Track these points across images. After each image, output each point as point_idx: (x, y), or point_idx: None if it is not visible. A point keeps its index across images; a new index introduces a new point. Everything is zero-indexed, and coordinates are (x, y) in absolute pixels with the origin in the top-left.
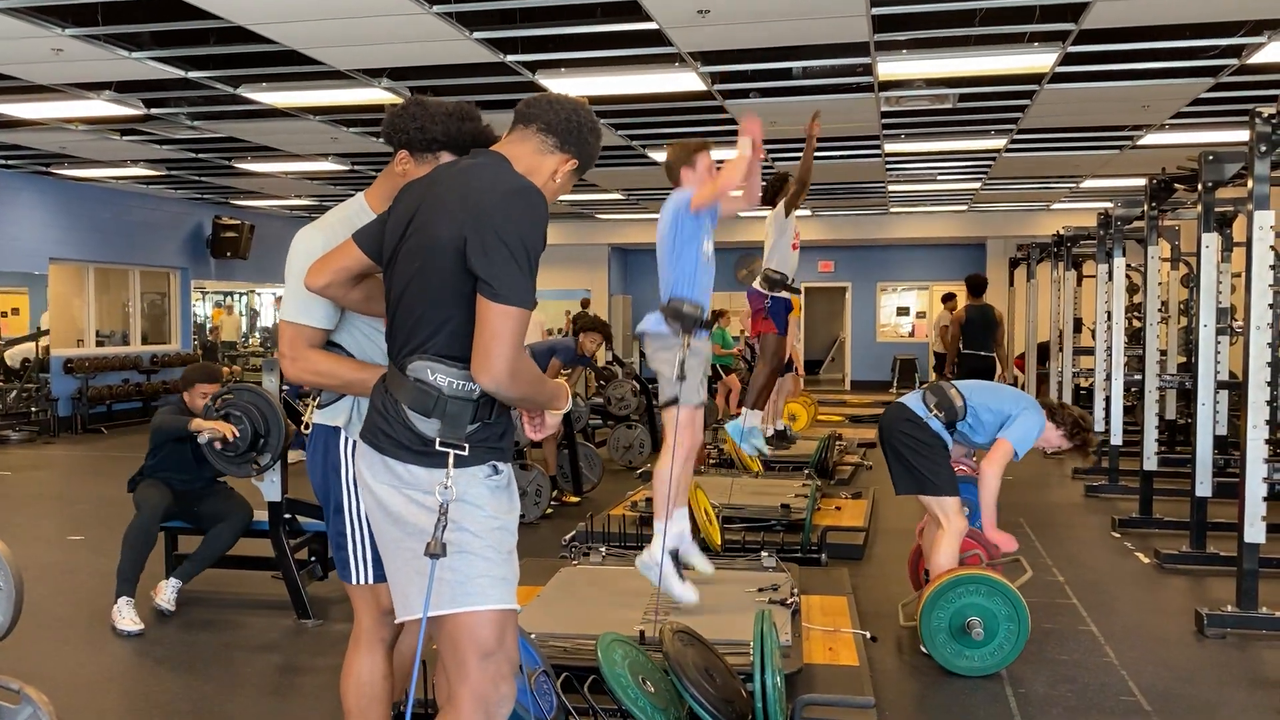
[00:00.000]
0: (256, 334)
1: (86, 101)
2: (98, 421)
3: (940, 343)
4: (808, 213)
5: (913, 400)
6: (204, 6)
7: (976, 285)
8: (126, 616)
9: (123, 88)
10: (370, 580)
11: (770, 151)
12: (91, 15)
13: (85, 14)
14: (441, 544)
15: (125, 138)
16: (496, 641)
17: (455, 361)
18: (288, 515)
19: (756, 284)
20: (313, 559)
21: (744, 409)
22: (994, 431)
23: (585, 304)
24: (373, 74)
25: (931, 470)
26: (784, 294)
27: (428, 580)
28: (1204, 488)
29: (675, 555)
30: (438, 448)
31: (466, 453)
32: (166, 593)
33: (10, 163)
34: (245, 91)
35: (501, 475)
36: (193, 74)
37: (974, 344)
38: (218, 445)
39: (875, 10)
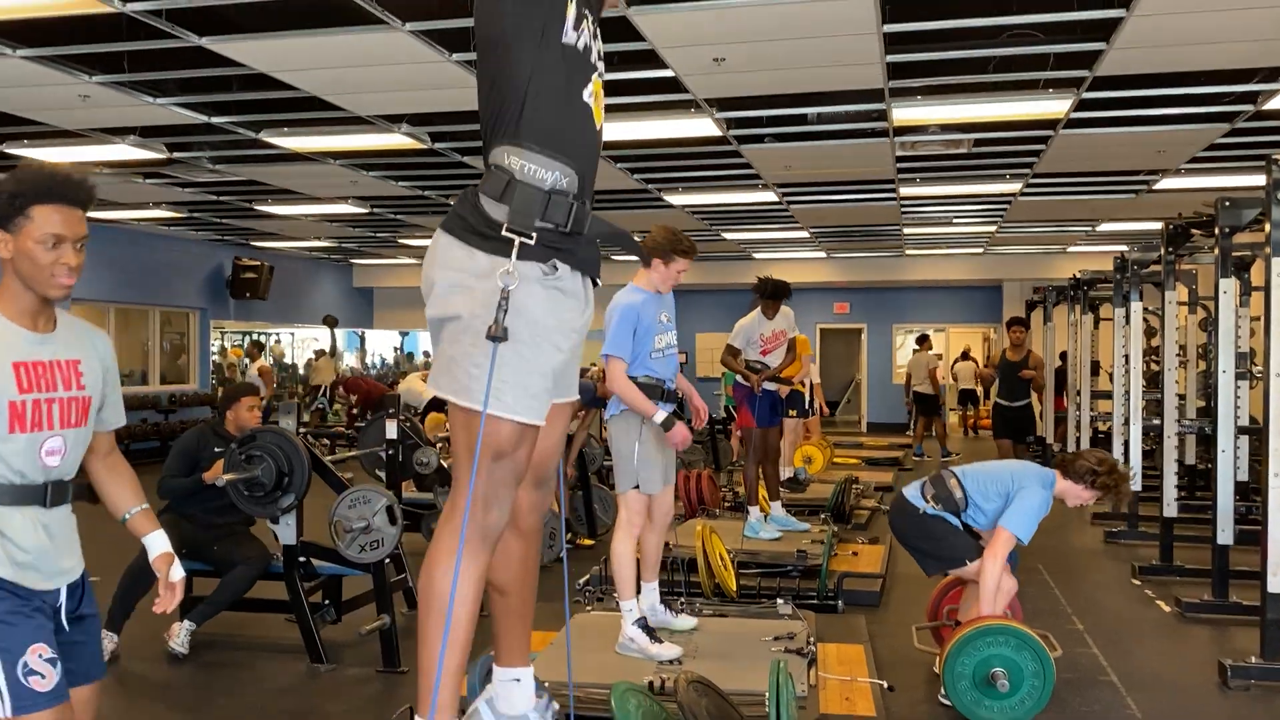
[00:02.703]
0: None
1: (111, 146)
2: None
3: (928, 384)
4: (823, 255)
5: (913, 493)
6: (228, 54)
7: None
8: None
9: (146, 132)
10: None
11: (785, 194)
12: (118, 62)
13: (112, 61)
14: (504, 328)
15: (148, 180)
16: (512, 447)
17: (534, 146)
18: (302, 558)
19: (739, 378)
20: (326, 602)
21: (747, 509)
22: (998, 517)
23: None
24: (393, 119)
25: (949, 549)
26: (771, 386)
27: (487, 366)
28: (1225, 535)
29: (647, 626)
30: (504, 233)
31: (533, 243)
32: (180, 635)
33: None
34: (267, 136)
35: (559, 275)
36: (215, 119)
37: (1005, 392)
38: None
39: (890, 57)
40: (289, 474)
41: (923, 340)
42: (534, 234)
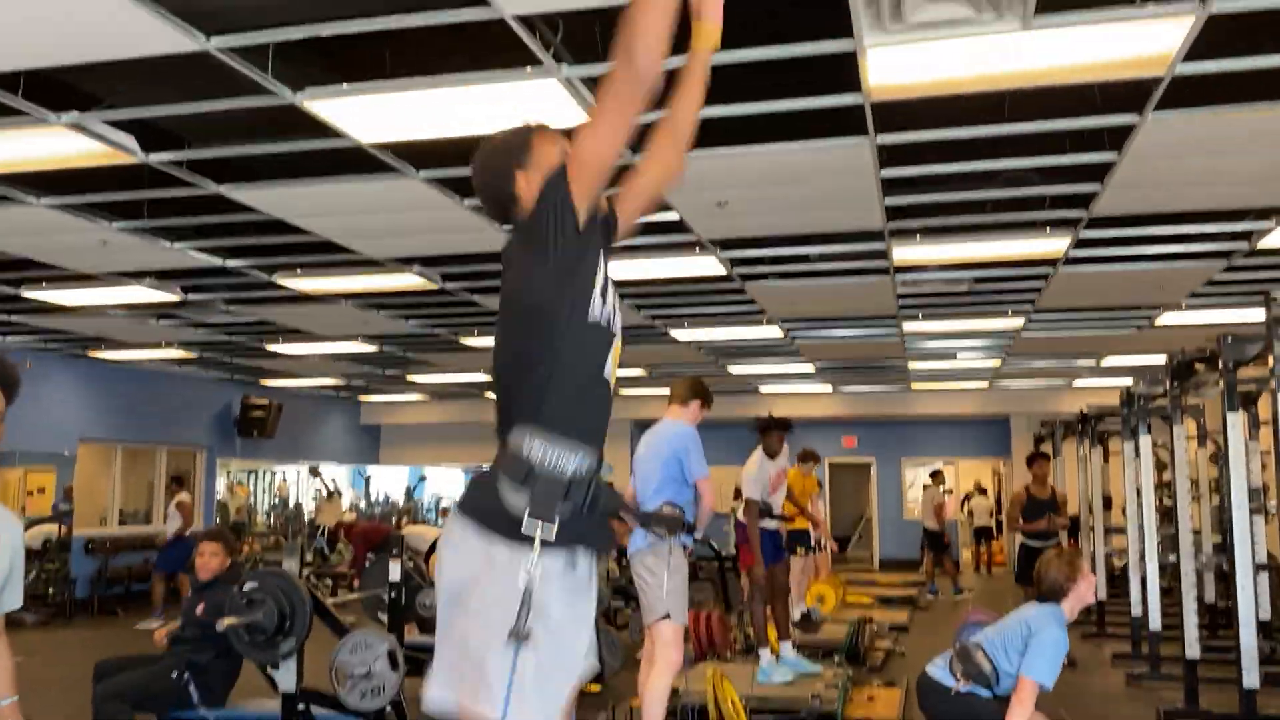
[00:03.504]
0: (271, 512)
1: (127, 288)
2: (114, 603)
3: (934, 520)
4: (828, 388)
5: (940, 673)
6: (245, 201)
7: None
8: None
9: (162, 275)
10: None
11: (789, 329)
12: (138, 209)
13: (132, 208)
14: (527, 629)
15: (161, 321)
16: None
17: (557, 432)
18: (301, 706)
19: (740, 516)
20: None
21: (759, 651)
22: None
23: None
24: (405, 261)
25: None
26: (772, 524)
27: (508, 670)
28: (1251, 678)
29: None
30: (525, 524)
31: (553, 538)
32: None
33: (50, 346)
34: (280, 278)
35: (579, 570)
36: (230, 262)
37: (1035, 533)
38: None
39: (888, 200)
40: (290, 617)
41: (935, 476)
42: (555, 522)
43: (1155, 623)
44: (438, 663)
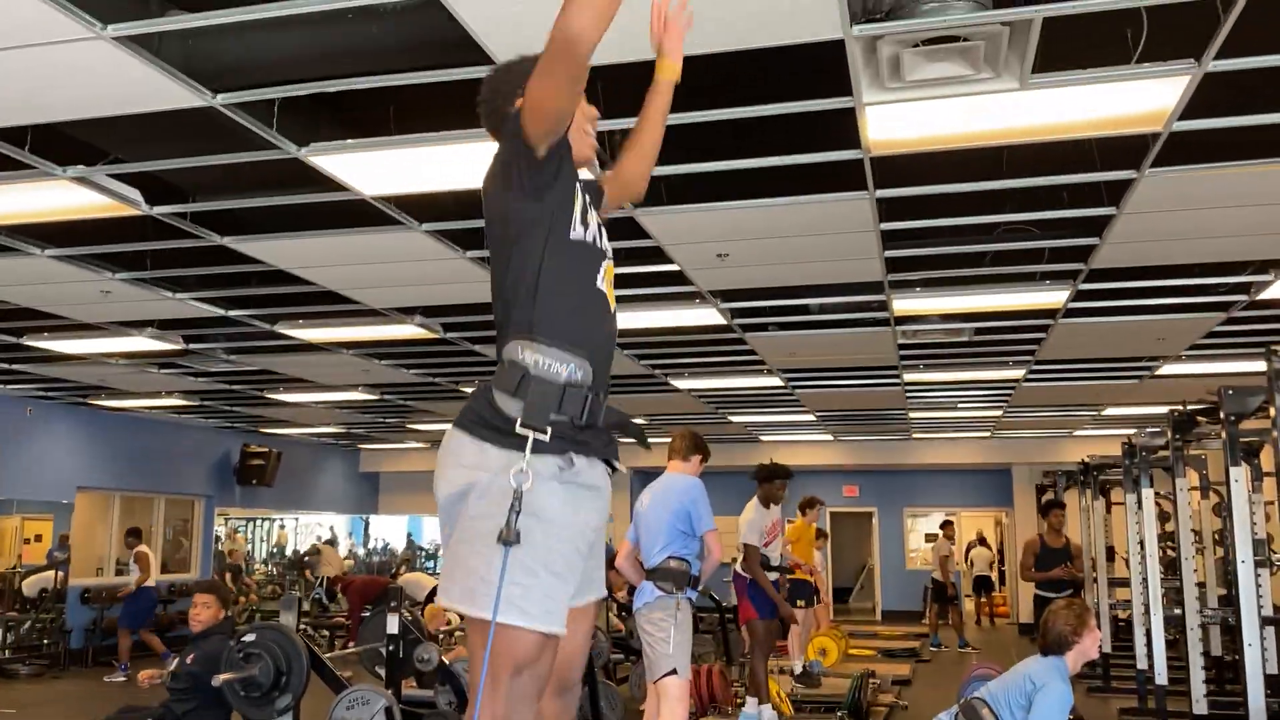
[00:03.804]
0: (269, 560)
1: (128, 338)
2: (110, 654)
3: (941, 571)
4: (829, 437)
5: None
6: (248, 252)
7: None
8: None
9: (164, 325)
10: None
11: (790, 379)
12: (141, 261)
13: (135, 259)
14: (516, 531)
15: (162, 370)
16: (534, 658)
17: (548, 339)
18: None
19: (738, 567)
20: None
21: (748, 698)
22: None
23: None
24: (406, 311)
25: None
26: (771, 575)
27: (498, 571)
28: None
29: None
30: (518, 429)
31: (547, 439)
32: None
33: (50, 394)
34: (281, 328)
35: (575, 469)
36: (233, 312)
37: (1047, 584)
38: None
39: (888, 253)
40: (287, 673)
41: (945, 526)
42: (549, 429)
43: (1161, 676)
44: (443, 568)
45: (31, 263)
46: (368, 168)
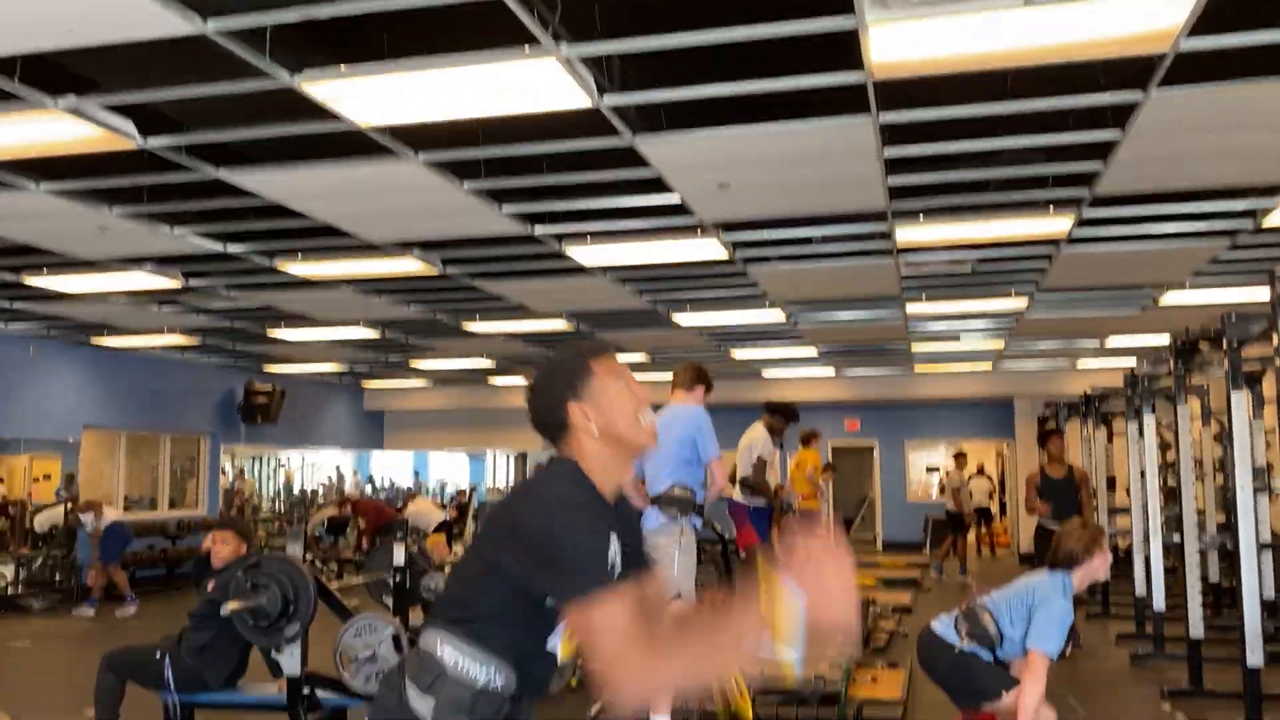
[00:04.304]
0: (277, 498)
1: (128, 274)
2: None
3: (953, 501)
4: (831, 372)
5: (944, 629)
6: (244, 185)
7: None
8: None
9: (163, 261)
10: None
11: (792, 313)
12: (137, 195)
13: (131, 194)
14: None
15: (163, 307)
16: None
17: (466, 636)
18: (306, 690)
19: (736, 495)
20: None
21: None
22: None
23: None
24: (405, 245)
25: (983, 683)
26: (761, 501)
27: None
28: (1255, 657)
29: None
30: None
31: None
32: None
33: (52, 333)
34: (281, 263)
35: None
36: (231, 247)
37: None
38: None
39: (891, 181)
40: (294, 602)
41: (959, 458)
42: None
43: (1159, 603)
44: None
45: (26, 198)
46: (362, 95)
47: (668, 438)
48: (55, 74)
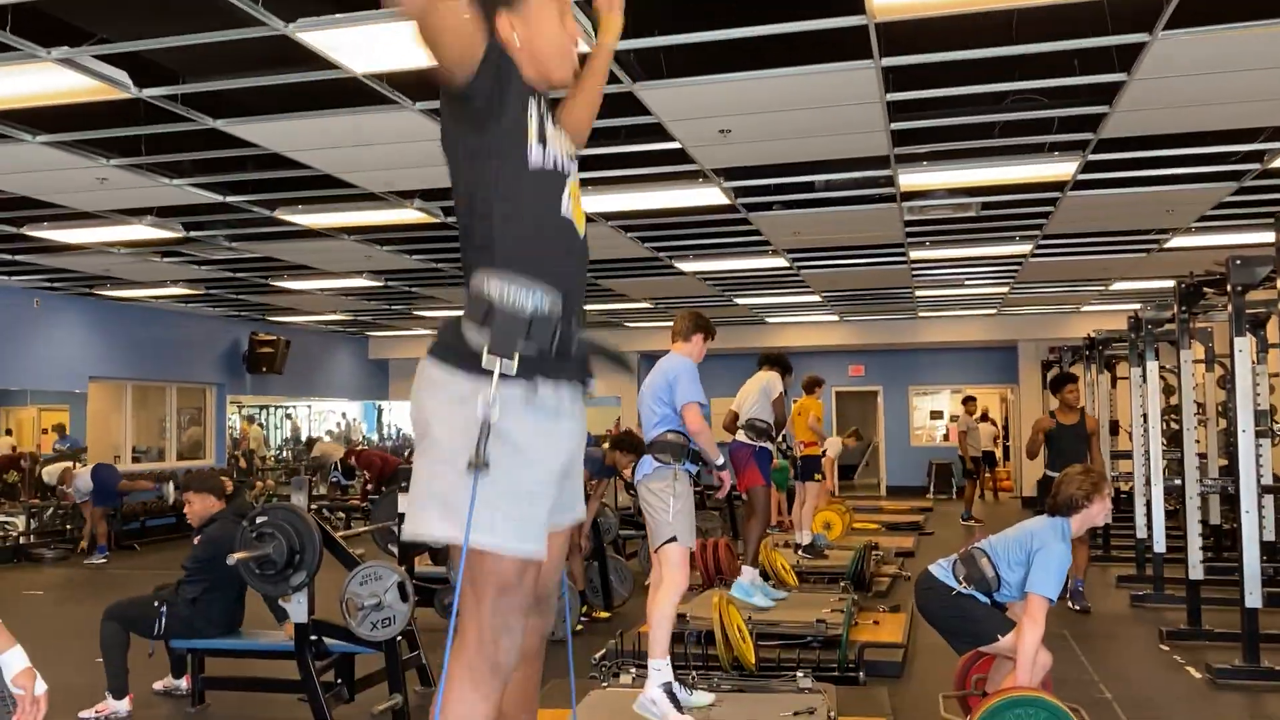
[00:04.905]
0: (283, 447)
1: (128, 226)
2: (131, 538)
3: (963, 446)
4: (835, 318)
5: (942, 572)
6: (242, 135)
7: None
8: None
9: (163, 212)
10: None
11: (795, 259)
12: (135, 146)
13: (129, 145)
14: (485, 459)
15: (165, 259)
16: (516, 580)
17: (512, 270)
18: (313, 637)
19: (741, 436)
20: (339, 681)
21: (744, 567)
22: (1023, 585)
23: (618, 427)
24: (405, 195)
25: (981, 626)
26: (769, 444)
27: (469, 497)
28: (1254, 598)
29: (672, 692)
30: (485, 359)
31: (515, 368)
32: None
33: (55, 286)
34: (281, 214)
35: (545, 396)
36: (231, 198)
37: (1056, 462)
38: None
39: (894, 125)
40: (300, 551)
41: (968, 403)
42: (516, 358)
43: (1160, 545)
44: (411, 495)
45: (24, 149)
46: (356, 43)
47: (654, 387)
48: (47, 24)
